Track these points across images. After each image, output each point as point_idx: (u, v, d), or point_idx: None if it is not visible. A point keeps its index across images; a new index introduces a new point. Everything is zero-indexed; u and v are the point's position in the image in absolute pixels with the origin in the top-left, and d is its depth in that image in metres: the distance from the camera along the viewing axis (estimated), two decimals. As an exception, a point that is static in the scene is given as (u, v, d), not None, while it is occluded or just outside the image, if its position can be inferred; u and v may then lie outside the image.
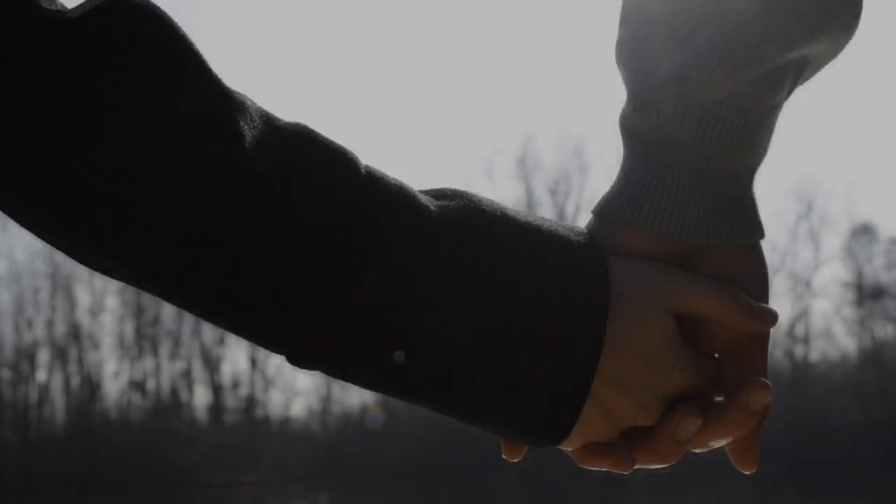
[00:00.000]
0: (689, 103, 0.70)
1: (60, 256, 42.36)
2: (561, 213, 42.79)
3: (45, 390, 42.00)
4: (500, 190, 51.62)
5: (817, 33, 0.68)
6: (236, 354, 43.11)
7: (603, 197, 0.75)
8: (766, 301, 0.74)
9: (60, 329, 42.27)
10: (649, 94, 0.72)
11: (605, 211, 0.74)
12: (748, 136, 0.71)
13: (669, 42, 0.71)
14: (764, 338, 0.74)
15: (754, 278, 0.74)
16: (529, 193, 42.83)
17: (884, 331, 39.76)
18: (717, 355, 0.74)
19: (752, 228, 0.74)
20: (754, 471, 0.74)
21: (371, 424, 39.13)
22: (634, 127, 0.74)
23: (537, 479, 35.68)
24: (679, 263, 0.72)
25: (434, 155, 55.76)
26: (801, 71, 0.72)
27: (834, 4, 0.68)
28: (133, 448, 39.31)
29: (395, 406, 42.26)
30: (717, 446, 0.73)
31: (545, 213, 42.98)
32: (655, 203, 0.72)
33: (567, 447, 0.76)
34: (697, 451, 0.75)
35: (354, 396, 43.06)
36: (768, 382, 0.71)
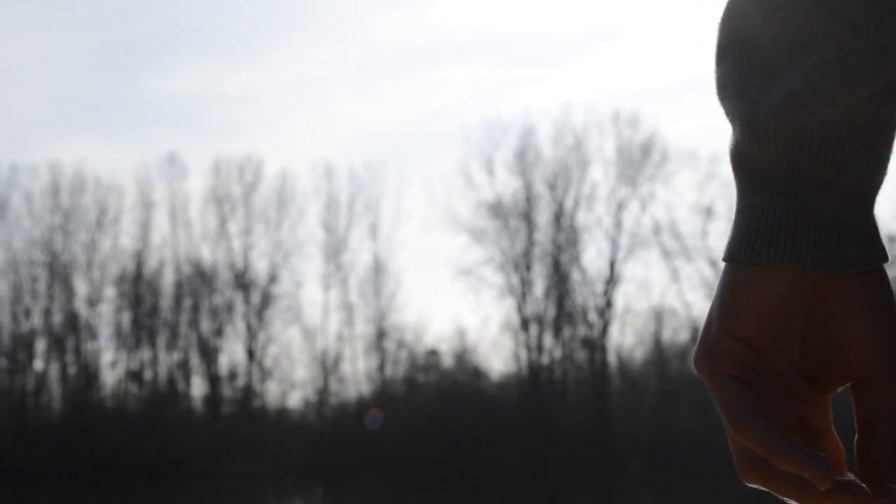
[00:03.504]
0: (808, 126, 0.68)
1: (59, 246, 42.43)
2: (560, 208, 42.83)
3: (42, 379, 42.01)
4: (498, 184, 51.65)
5: None
6: (234, 346, 43.11)
7: (729, 240, 0.73)
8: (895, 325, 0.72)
9: (58, 318, 42.28)
10: (764, 123, 0.69)
11: (735, 252, 0.71)
12: (869, 155, 0.70)
13: (779, 67, 0.69)
14: (893, 369, 0.71)
15: (881, 304, 0.71)
16: (528, 188, 42.85)
17: None
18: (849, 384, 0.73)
19: (878, 250, 0.72)
20: None
21: (370, 425, 39.08)
22: (749, 159, 0.71)
23: (532, 474, 35.68)
24: (811, 295, 0.71)
25: (433, 149, 55.75)
26: None
27: None
28: (129, 438, 39.30)
29: (392, 400, 42.29)
30: None
31: (544, 207, 43.03)
32: (783, 235, 0.70)
33: None
34: None
35: (351, 389, 43.15)
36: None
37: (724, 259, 0.72)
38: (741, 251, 0.71)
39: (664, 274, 50.90)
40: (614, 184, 42.51)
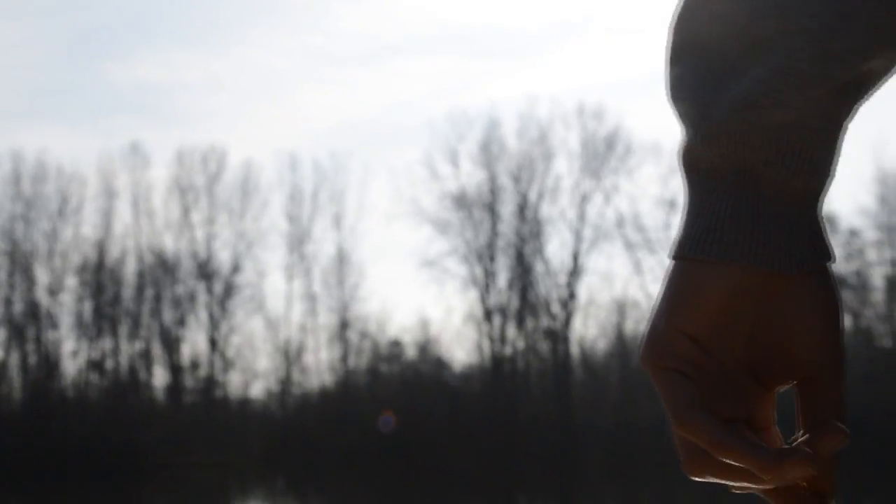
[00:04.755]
0: (758, 128, 0.69)
1: (20, 234, 42.10)
2: (524, 200, 42.89)
3: (2, 368, 41.66)
4: (463, 175, 51.63)
5: (880, 48, 0.69)
6: (196, 335, 42.93)
7: (677, 238, 0.73)
8: (841, 325, 0.73)
9: (18, 307, 41.98)
10: (716, 125, 0.70)
11: (683, 249, 0.72)
12: (817, 157, 0.71)
13: (731, 70, 0.70)
14: (841, 367, 0.72)
15: (826, 304, 0.72)
16: (492, 179, 42.88)
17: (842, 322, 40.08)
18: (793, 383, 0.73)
19: (824, 251, 0.73)
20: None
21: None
22: (699, 160, 0.72)
23: (495, 464, 35.77)
24: (758, 294, 0.71)
25: (398, 141, 55.71)
26: (864, 87, 0.71)
27: (893, 19, 0.68)
28: (90, 428, 39.10)
29: (354, 388, 42.27)
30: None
31: (508, 199, 43.08)
32: (732, 233, 0.70)
33: None
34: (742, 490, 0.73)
35: (314, 379, 43.07)
36: (844, 427, 0.70)
37: (673, 256, 0.73)
38: (689, 249, 0.71)
39: (627, 266, 51.06)
40: (578, 176, 42.63)
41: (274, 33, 55.12)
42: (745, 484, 0.71)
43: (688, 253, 0.71)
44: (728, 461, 0.69)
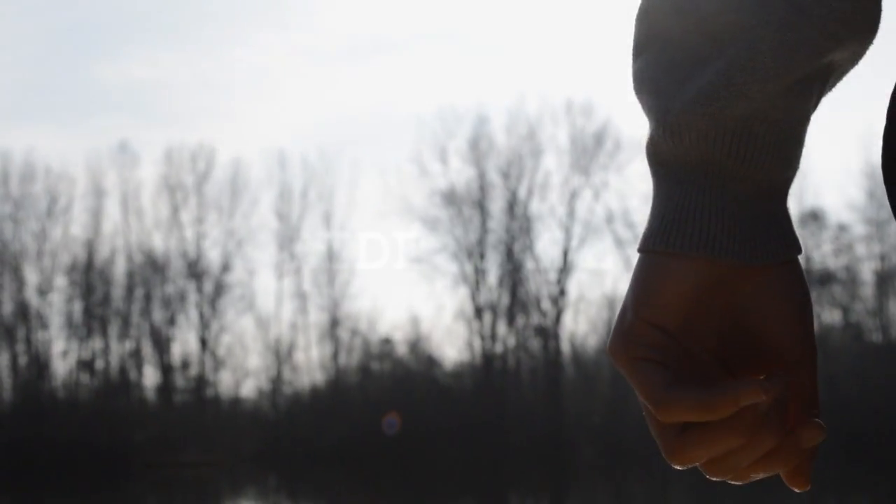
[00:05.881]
0: (721, 121, 0.70)
1: (9, 234, 42.01)
2: (513, 197, 42.90)
3: (-8, 369, 41.66)
4: (452, 172, 51.66)
5: (842, 39, 0.70)
6: (186, 335, 42.87)
7: (644, 231, 0.73)
8: (811, 315, 0.73)
9: (8, 308, 41.91)
10: (679, 118, 0.70)
11: (650, 242, 0.71)
12: (782, 149, 0.71)
13: (694, 63, 0.71)
14: (813, 359, 0.73)
15: (798, 295, 0.73)
16: (482, 176, 42.89)
17: (830, 316, 40.24)
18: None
19: (792, 243, 0.73)
20: (808, 488, 0.72)
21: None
22: (665, 153, 0.72)
23: (486, 462, 35.78)
24: (727, 286, 0.71)
25: (387, 138, 55.69)
26: (828, 79, 0.72)
27: (855, 10, 0.69)
28: (81, 428, 39.04)
29: (345, 386, 42.24)
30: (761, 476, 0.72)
31: (497, 196, 43.09)
32: (698, 226, 0.71)
33: None
34: (738, 482, 0.73)
35: (305, 377, 43.06)
36: (822, 423, 0.70)
37: (639, 249, 0.72)
38: (656, 241, 0.71)
39: (617, 262, 51.05)
40: (567, 173, 42.68)
41: (261, 31, 55.12)
42: (731, 444, 0.69)
43: (655, 246, 0.71)
44: (721, 416, 0.67)
